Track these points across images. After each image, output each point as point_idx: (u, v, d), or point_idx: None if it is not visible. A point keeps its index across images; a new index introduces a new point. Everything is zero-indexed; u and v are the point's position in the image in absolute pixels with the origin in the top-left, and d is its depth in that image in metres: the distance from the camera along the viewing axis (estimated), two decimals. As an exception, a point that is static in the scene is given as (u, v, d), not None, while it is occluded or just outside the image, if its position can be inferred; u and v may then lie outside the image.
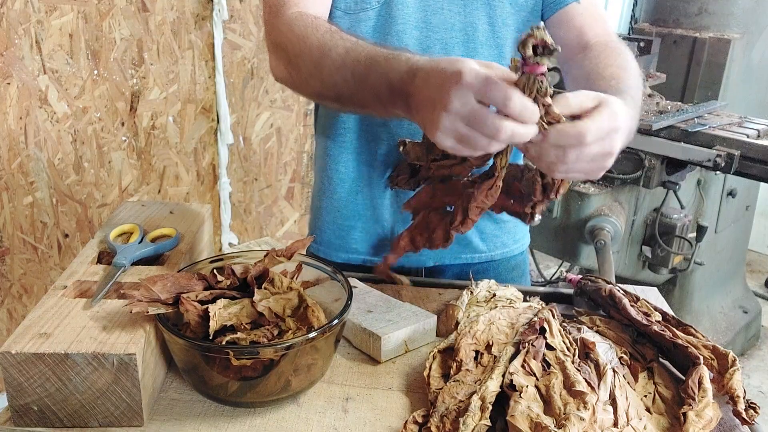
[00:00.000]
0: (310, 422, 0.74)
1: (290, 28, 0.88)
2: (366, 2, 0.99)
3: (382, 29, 1.00)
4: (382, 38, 1.00)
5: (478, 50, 1.02)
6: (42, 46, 1.86)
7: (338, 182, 1.10)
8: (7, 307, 2.01)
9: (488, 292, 0.96)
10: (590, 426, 0.67)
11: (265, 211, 2.65)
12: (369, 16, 1.00)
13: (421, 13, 1.00)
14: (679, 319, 0.88)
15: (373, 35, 1.00)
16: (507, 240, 1.17)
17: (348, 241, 1.13)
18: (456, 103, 0.66)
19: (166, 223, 1.00)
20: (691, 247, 2.27)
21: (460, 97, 0.65)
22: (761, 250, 3.83)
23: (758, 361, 2.87)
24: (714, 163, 1.87)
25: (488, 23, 1.02)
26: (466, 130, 0.67)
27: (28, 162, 1.91)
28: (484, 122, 0.65)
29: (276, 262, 0.86)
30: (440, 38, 1.01)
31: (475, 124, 0.66)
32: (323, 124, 1.11)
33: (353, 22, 1.00)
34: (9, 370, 0.69)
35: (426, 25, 1.00)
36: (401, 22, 0.99)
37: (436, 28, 1.00)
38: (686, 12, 2.52)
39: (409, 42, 1.00)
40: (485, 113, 0.65)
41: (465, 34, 1.02)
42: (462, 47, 1.02)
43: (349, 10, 0.99)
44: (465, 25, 1.01)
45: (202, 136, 2.34)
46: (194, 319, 0.76)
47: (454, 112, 0.66)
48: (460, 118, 0.66)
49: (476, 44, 1.02)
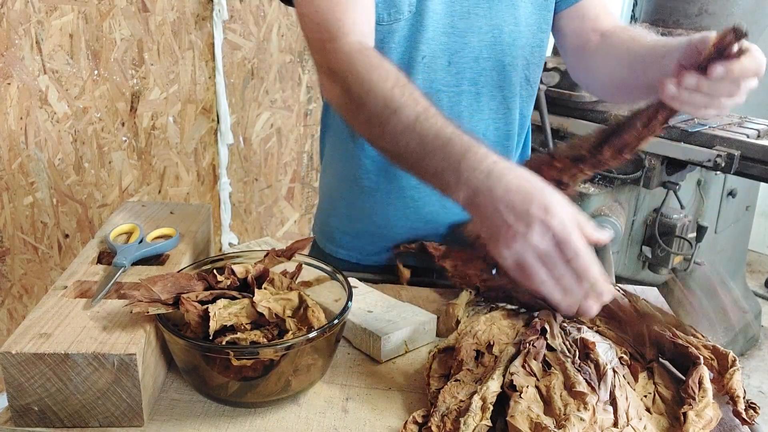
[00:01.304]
0: (310, 422, 0.74)
1: (351, 63, 0.85)
2: (399, 13, 0.98)
3: (413, 38, 1.00)
4: (412, 47, 1.00)
5: (505, 51, 1.03)
6: (42, 47, 1.86)
7: (366, 183, 1.10)
8: (8, 307, 2.00)
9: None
10: (590, 426, 0.67)
11: (265, 211, 2.65)
12: (401, 27, 0.99)
13: (449, 18, 1.00)
14: (678, 320, 0.88)
15: (404, 44, 1.00)
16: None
17: (373, 244, 1.14)
18: (536, 237, 0.67)
19: (166, 223, 1.00)
20: (691, 248, 2.27)
21: (541, 233, 0.66)
22: (761, 250, 3.83)
23: (758, 361, 2.87)
24: (714, 163, 1.87)
25: (514, 24, 1.02)
26: (533, 262, 0.68)
27: (28, 162, 1.91)
28: (553, 265, 0.67)
29: (276, 262, 0.86)
30: (467, 42, 1.01)
31: (544, 262, 0.67)
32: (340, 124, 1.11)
33: (385, 33, 0.99)
34: (9, 370, 0.69)
35: (454, 31, 1.00)
36: (432, 30, 0.99)
37: (463, 32, 1.00)
38: (686, 12, 2.52)
39: (438, 48, 1.00)
40: (557, 261, 0.67)
41: (492, 37, 1.02)
42: (489, 50, 1.02)
43: (382, 21, 0.97)
44: (491, 27, 1.01)
45: (202, 136, 2.34)
46: (194, 319, 0.76)
47: (530, 243, 0.67)
48: (532, 249, 0.67)
49: (503, 46, 1.02)
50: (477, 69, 1.02)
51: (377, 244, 1.13)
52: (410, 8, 0.98)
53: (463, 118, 1.04)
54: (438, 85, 1.02)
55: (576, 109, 2.14)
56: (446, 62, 1.01)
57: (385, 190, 1.09)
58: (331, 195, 1.17)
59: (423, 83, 1.01)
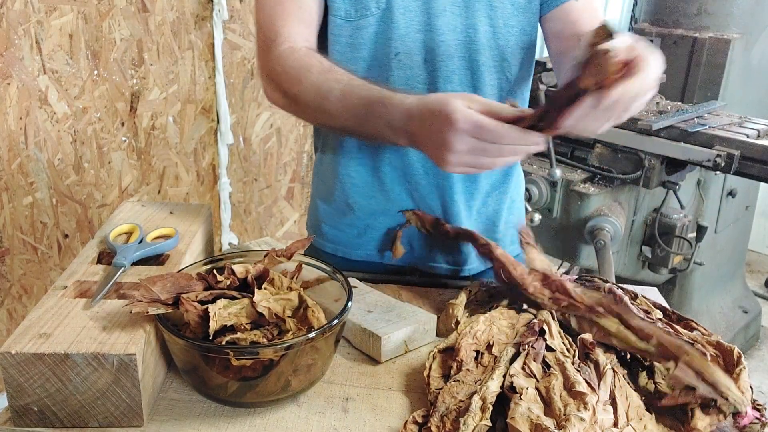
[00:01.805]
0: (310, 422, 0.74)
1: (283, 67, 0.94)
2: (366, 9, 0.99)
3: (384, 35, 1.00)
4: (384, 43, 1.00)
5: (480, 52, 1.02)
6: (42, 47, 1.86)
7: (351, 186, 1.11)
8: (7, 307, 2.00)
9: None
10: (590, 426, 0.67)
11: (265, 211, 2.65)
12: (370, 23, 1.00)
13: (424, 16, 1.00)
14: (680, 314, 0.88)
15: (375, 41, 1.00)
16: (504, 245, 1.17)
17: (364, 240, 1.14)
18: (457, 145, 0.76)
19: (166, 223, 1.00)
20: (691, 247, 2.27)
21: (458, 139, 0.76)
22: (761, 250, 3.83)
23: (758, 361, 2.87)
24: (714, 163, 1.87)
25: (489, 24, 1.02)
26: (473, 160, 0.78)
27: (28, 162, 1.91)
28: (486, 151, 0.76)
29: (276, 262, 0.86)
30: (443, 40, 1.01)
31: (480, 153, 0.77)
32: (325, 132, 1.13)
33: (354, 29, 1.00)
34: (9, 371, 0.69)
35: (429, 28, 1.00)
36: (404, 26, 0.99)
37: (439, 30, 1.00)
38: (686, 12, 2.52)
39: (413, 46, 1.00)
40: (485, 146, 0.76)
41: (466, 36, 1.02)
42: (463, 49, 1.02)
43: (349, 17, 0.99)
44: (466, 27, 1.01)
45: (202, 136, 2.34)
46: (194, 320, 0.75)
47: (458, 151, 0.76)
48: (465, 152, 0.76)
49: (478, 45, 1.02)
50: (452, 67, 1.02)
51: (361, 237, 1.14)
52: (378, 4, 0.98)
53: None
54: (413, 82, 1.02)
55: (576, 109, 2.14)
56: (421, 59, 1.01)
57: (367, 183, 1.10)
58: (318, 188, 1.18)
59: (398, 80, 1.02)
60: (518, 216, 1.21)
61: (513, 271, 0.89)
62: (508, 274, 0.90)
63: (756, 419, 0.72)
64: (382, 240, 1.13)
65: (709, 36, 2.44)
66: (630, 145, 2.05)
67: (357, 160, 1.09)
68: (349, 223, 1.13)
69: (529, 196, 2.08)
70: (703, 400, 0.71)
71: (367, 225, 1.13)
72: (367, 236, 1.13)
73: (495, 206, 1.15)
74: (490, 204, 1.14)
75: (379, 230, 1.13)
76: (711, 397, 0.70)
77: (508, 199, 1.16)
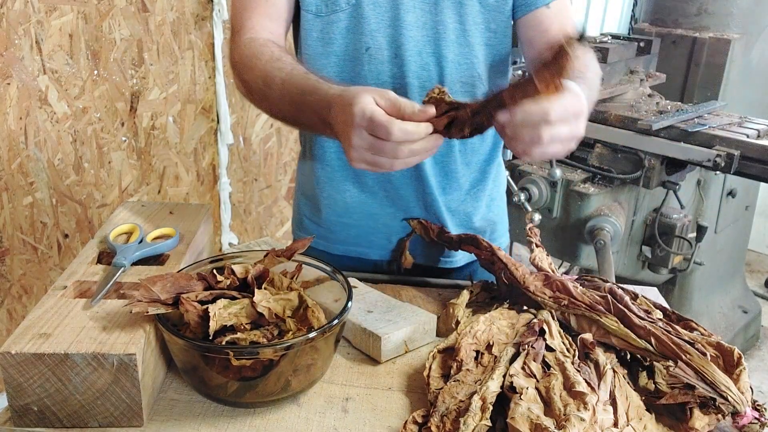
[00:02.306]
0: (310, 422, 0.74)
1: (242, 55, 0.98)
2: (336, 4, 1.01)
3: (354, 30, 1.02)
4: (355, 38, 1.02)
5: (450, 48, 1.04)
6: (42, 47, 1.86)
7: (326, 181, 1.13)
8: (7, 307, 2.00)
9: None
10: (590, 426, 0.67)
11: (265, 211, 2.65)
12: (340, 18, 1.02)
13: (394, 11, 1.01)
14: (679, 315, 0.88)
15: (347, 35, 1.02)
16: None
17: (344, 235, 1.16)
18: (356, 140, 0.76)
19: (166, 223, 1.00)
20: (691, 247, 2.27)
21: (356, 135, 0.76)
22: (761, 250, 3.83)
23: (758, 361, 2.87)
24: (714, 163, 1.87)
25: (458, 21, 1.03)
26: (371, 157, 0.77)
27: (28, 162, 1.91)
28: (382, 150, 0.76)
29: (276, 262, 0.86)
30: (412, 36, 1.02)
31: (377, 152, 0.76)
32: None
33: (325, 24, 1.02)
34: (9, 371, 0.69)
35: (398, 24, 1.01)
36: (374, 21, 1.01)
37: (408, 26, 1.02)
38: (686, 12, 2.52)
39: (383, 41, 1.02)
40: (381, 144, 0.75)
41: (436, 32, 1.03)
42: (433, 45, 1.03)
43: (320, 12, 1.02)
44: (436, 23, 1.02)
45: (202, 136, 2.34)
46: (194, 320, 0.75)
47: (356, 146, 0.77)
48: (363, 149, 0.77)
49: (447, 42, 1.03)
50: (420, 63, 1.03)
51: (340, 232, 1.15)
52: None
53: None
54: (384, 77, 1.04)
55: (576, 109, 2.14)
56: (392, 54, 1.03)
57: (341, 177, 1.11)
58: (301, 183, 1.20)
59: (369, 75, 1.03)
60: (499, 214, 1.22)
61: (515, 272, 0.90)
62: (510, 275, 0.90)
63: (755, 419, 0.72)
64: (360, 234, 1.15)
65: (709, 36, 2.44)
66: (630, 145, 2.05)
67: (333, 152, 1.10)
68: (326, 217, 1.15)
69: (529, 196, 2.08)
70: (702, 400, 0.71)
71: (341, 221, 1.14)
72: (344, 232, 1.15)
73: (473, 203, 1.15)
74: (468, 201, 1.15)
75: (355, 226, 1.14)
76: (710, 397, 0.71)
77: (485, 197, 1.17)
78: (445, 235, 1.06)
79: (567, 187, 2.07)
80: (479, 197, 1.16)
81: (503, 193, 1.25)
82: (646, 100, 2.19)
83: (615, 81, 2.15)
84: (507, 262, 0.92)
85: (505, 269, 0.92)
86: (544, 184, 2.09)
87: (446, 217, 1.13)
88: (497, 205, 1.21)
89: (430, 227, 1.08)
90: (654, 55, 2.32)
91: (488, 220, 1.19)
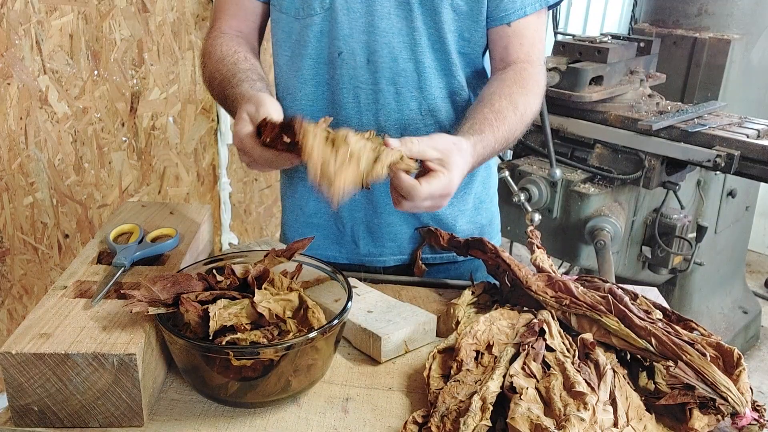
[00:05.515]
0: (310, 422, 0.74)
1: (202, 53, 1.08)
2: (311, 8, 1.03)
3: (329, 34, 1.03)
4: (329, 42, 1.04)
5: (425, 53, 1.04)
6: (42, 47, 1.86)
7: (298, 180, 1.16)
8: (8, 307, 2.00)
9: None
10: (590, 426, 0.67)
11: (265, 211, 2.65)
12: (315, 21, 1.03)
13: (368, 17, 1.02)
14: (679, 315, 0.88)
15: (321, 39, 1.04)
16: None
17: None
18: (236, 143, 0.85)
19: (166, 223, 1.00)
20: (691, 248, 2.27)
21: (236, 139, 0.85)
22: (761, 250, 3.83)
23: (758, 361, 2.87)
24: (714, 164, 1.87)
25: (434, 28, 1.03)
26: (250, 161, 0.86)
27: (28, 162, 1.91)
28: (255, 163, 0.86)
29: (276, 263, 0.86)
30: (387, 42, 1.03)
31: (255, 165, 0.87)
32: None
33: (302, 27, 1.04)
34: (9, 371, 0.69)
35: (373, 29, 1.02)
36: (348, 27, 1.02)
37: (383, 32, 1.02)
38: (686, 13, 2.52)
39: (356, 46, 1.03)
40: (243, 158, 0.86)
41: (411, 39, 1.03)
42: (408, 51, 1.04)
43: (298, 15, 1.04)
44: (411, 30, 1.03)
45: (202, 136, 2.34)
46: (194, 320, 0.76)
47: (240, 151, 0.85)
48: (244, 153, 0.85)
49: (422, 47, 1.04)
50: (395, 69, 1.04)
51: (319, 239, 1.15)
52: (323, 4, 1.02)
53: (385, 115, 1.06)
54: (357, 81, 1.05)
55: (576, 109, 2.14)
56: (365, 60, 1.03)
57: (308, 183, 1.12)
58: (282, 191, 1.23)
59: (343, 79, 1.05)
60: (488, 217, 1.22)
61: (518, 272, 0.90)
62: (513, 275, 0.91)
63: (755, 420, 0.72)
64: (328, 232, 1.16)
65: (709, 36, 2.44)
66: (630, 146, 2.05)
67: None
68: (302, 214, 1.17)
69: (529, 197, 2.08)
70: (702, 400, 0.71)
71: (313, 221, 1.16)
72: (316, 230, 1.16)
73: (459, 206, 1.16)
74: (453, 203, 1.15)
75: (324, 226, 1.16)
76: (710, 397, 0.71)
77: (472, 200, 1.17)
78: (455, 240, 1.07)
79: (567, 187, 2.07)
80: (465, 200, 1.16)
81: (494, 194, 1.24)
82: (646, 101, 2.19)
83: (615, 81, 2.15)
84: (510, 263, 0.93)
85: (508, 270, 0.92)
86: (544, 184, 2.09)
87: (427, 220, 1.14)
88: (486, 208, 1.21)
89: (441, 234, 1.09)
90: (654, 56, 2.32)
91: (476, 224, 1.19)
